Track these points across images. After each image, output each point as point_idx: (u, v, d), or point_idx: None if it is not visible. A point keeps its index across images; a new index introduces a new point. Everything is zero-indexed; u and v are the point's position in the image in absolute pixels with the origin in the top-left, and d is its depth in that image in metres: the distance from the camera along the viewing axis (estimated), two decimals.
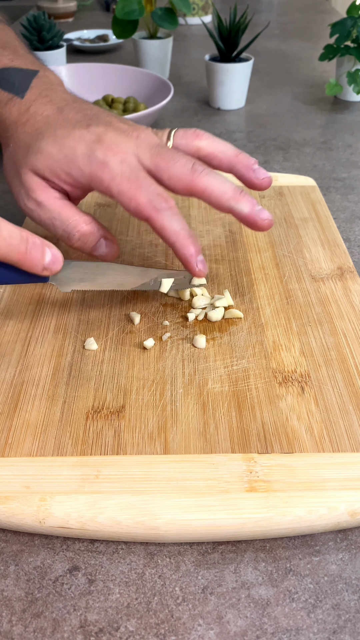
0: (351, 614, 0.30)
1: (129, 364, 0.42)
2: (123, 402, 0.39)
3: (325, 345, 0.43)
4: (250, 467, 0.35)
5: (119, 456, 0.36)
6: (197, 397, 0.39)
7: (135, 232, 0.57)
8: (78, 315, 0.47)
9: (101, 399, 0.39)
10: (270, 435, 0.37)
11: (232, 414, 0.38)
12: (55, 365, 0.42)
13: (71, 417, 0.38)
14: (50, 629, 0.30)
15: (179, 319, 0.46)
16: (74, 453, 0.36)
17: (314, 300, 0.48)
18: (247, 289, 0.49)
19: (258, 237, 0.56)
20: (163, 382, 0.41)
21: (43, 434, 0.37)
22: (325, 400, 0.39)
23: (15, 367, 0.42)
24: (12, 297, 0.49)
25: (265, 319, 0.46)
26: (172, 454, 0.36)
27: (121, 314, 0.47)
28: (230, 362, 0.42)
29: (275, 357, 0.42)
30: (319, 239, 0.55)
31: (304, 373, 0.41)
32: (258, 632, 0.30)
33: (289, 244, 0.55)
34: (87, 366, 0.42)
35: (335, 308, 0.47)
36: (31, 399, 0.39)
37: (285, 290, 0.49)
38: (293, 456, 0.36)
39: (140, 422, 0.38)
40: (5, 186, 0.71)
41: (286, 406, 0.39)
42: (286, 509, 0.33)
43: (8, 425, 0.38)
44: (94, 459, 0.36)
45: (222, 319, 0.46)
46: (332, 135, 0.85)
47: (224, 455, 0.36)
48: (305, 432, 0.37)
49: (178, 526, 0.32)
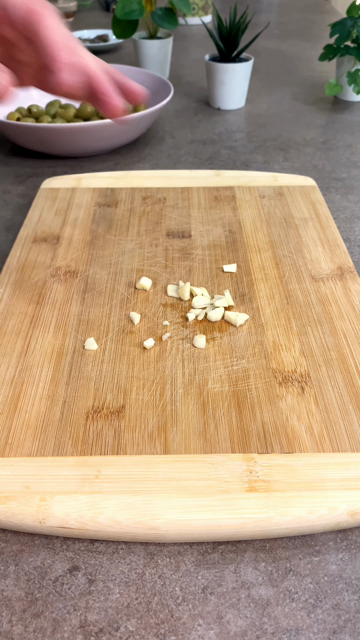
0: (351, 614, 0.30)
1: (129, 364, 0.42)
2: (123, 402, 0.39)
3: (325, 345, 0.43)
4: (250, 467, 0.35)
5: (119, 456, 0.36)
6: (197, 397, 0.39)
7: (135, 233, 0.57)
8: (78, 315, 0.47)
9: (101, 399, 0.39)
10: (270, 435, 0.37)
11: (232, 414, 0.38)
12: (55, 365, 0.42)
13: (71, 417, 0.38)
14: (50, 629, 0.30)
15: (179, 319, 0.46)
16: (74, 453, 0.36)
17: (314, 300, 0.48)
18: (247, 289, 0.49)
19: (258, 238, 0.56)
20: (163, 382, 0.41)
21: (43, 434, 0.37)
22: (325, 400, 0.39)
23: (15, 367, 0.42)
24: (12, 297, 0.49)
25: (265, 319, 0.46)
26: (172, 454, 0.36)
27: (121, 314, 0.47)
28: (230, 362, 0.42)
29: (275, 357, 0.42)
30: (319, 239, 0.55)
31: (304, 373, 0.41)
32: (258, 632, 0.30)
33: (289, 244, 0.55)
34: (87, 366, 0.42)
35: (335, 308, 0.47)
36: (31, 399, 0.39)
37: (285, 290, 0.49)
38: (293, 456, 0.35)
39: (140, 422, 0.38)
40: (5, 186, 0.71)
41: (286, 406, 0.39)
42: (286, 509, 0.33)
43: (8, 425, 0.38)
44: (94, 459, 0.35)
45: (222, 319, 0.46)
46: (332, 135, 0.85)
47: (224, 455, 0.36)
48: (305, 432, 0.37)
49: (178, 526, 0.32)
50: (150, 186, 0.65)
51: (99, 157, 0.78)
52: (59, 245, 0.55)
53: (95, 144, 0.75)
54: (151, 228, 0.58)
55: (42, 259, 0.53)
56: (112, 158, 0.78)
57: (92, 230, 0.58)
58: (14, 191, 0.70)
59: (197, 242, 0.56)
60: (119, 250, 0.55)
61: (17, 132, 0.74)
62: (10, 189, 0.70)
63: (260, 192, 0.63)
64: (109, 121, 0.71)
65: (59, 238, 0.56)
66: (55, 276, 0.51)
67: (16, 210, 0.65)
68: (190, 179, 0.66)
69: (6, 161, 0.77)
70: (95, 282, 0.50)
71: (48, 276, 0.51)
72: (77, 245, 0.55)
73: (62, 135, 0.72)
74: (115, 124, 0.72)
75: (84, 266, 0.52)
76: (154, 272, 0.51)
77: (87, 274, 0.51)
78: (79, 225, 0.58)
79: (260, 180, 0.66)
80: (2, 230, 0.62)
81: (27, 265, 0.52)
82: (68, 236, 0.57)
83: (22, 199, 0.68)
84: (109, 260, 0.53)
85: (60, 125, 0.70)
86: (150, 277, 0.51)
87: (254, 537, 0.33)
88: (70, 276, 0.51)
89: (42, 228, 0.58)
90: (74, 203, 0.62)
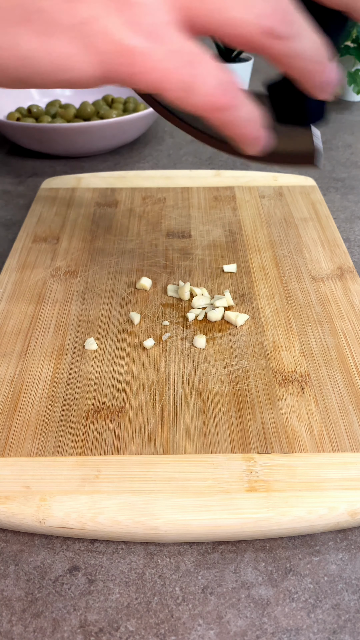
0: (351, 614, 0.30)
1: (129, 364, 0.42)
2: (123, 402, 0.39)
3: (325, 345, 0.43)
4: (250, 467, 0.35)
5: (119, 456, 0.36)
6: (197, 397, 0.39)
7: (135, 233, 0.57)
8: (78, 315, 0.47)
9: (101, 399, 0.39)
10: (270, 435, 0.37)
11: (232, 414, 0.38)
12: (55, 365, 0.42)
13: (71, 417, 0.38)
14: (50, 629, 0.30)
15: (179, 319, 0.46)
16: (74, 453, 0.36)
17: (314, 300, 0.48)
18: (247, 289, 0.49)
19: (258, 237, 0.56)
20: (163, 382, 0.41)
21: (43, 434, 0.37)
22: (325, 400, 0.39)
23: (15, 367, 0.42)
24: (11, 296, 0.49)
25: (265, 319, 0.46)
26: (172, 454, 0.36)
27: (121, 314, 0.47)
28: (230, 362, 0.42)
29: (275, 357, 0.42)
30: (319, 239, 0.55)
31: (304, 373, 0.41)
32: (258, 632, 0.30)
33: (289, 244, 0.55)
34: (87, 366, 0.42)
35: (335, 308, 0.47)
36: (31, 398, 0.39)
37: (285, 290, 0.49)
38: (293, 456, 0.35)
39: (140, 422, 0.38)
40: (5, 186, 0.71)
41: (286, 406, 0.39)
42: (286, 509, 0.33)
43: (8, 425, 0.38)
44: (94, 459, 0.36)
45: (222, 319, 0.46)
46: (332, 135, 0.85)
47: (224, 455, 0.36)
48: (305, 432, 0.37)
49: (178, 526, 0.32)
50: (150, 186, 0.65)
51: (99, 157, 0.78)
52: (59, 245, 0.55)
53: (95, 144, 0.75)
54: (151, 228, 0.58)
55: (42, 259, 0.53)
56: (112, 158, 0.78)
57: (92, 230, 0.58)
58: (13, 191, 0.70)
59: (197, 242, 0.56)
60: (119, 250, 0.55)
61: (17, 131, 0.74)
62: (10, 189, 0.70)
63: (260, 192, 0.63)
64: (109, 121, 0.71)
65: (59, 238, 0.56)
66: (55, 276, 0.51)
67: (16, 210, 0.65)
68: (190, 179, 0.66)
69: (6, 161, 0.77)
70: (95, 282, 0.50)
71: (48, 276, 0.51)
72: (77, 245, 0.55)
73: (62, 135, 0.72)
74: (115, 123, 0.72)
75: (84, 266, 0.52)
76: (154, 272, 0.51)
77: (87, 273, 0.51)
78: (78, 225, 0.58)
79: (260, 180, 0.66)
80: (1, 230, 0.62)
81: (27, 265, 0.52)
82: (68, 236, 0.57)
83: (21, 199, 0.68)
84: (109, 260, 0.53)
85: (60, 125, 0.70)
86: (150, 277, 0.51)
87: (254, 537, 0.33)
88: (70, 276, 0.51)
89: (42, 228, 0.58)
90: (74, 203, 0.62)
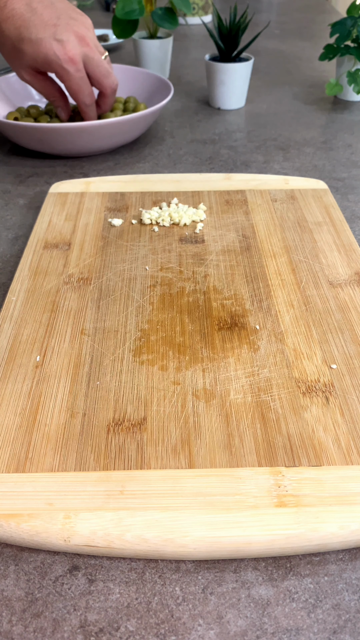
0: (351, 614, 0.30)
1: (148, 374, 0.41)
2: (144, 414, 0.38)
3: (347, 354, 0.43)
4: (278, 481, 0.34)
5: (143, 471, 0.35)
6: (220, 408, 0.39)
7: (147, 238, 0.56)
8: (94, 323, 0.46)
9: (122, 410, 0.39)
10: (297, 448, 0.36)
11: (256, 425, 0.37)
12: (73, 377, 0.41)
13: (92, 430, 0.37)
14: (50, 629, 0.30)
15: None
16: (97, 468, 0.35)
17: (333, 307, 0.47)
18: (264, 296, 0.48)
19: (272, 242, 0.55)
20: (184, 392, 0.40)
21: (64, 448, 0.36)
22: (351, 411, 0.38)
23: (32, 379, 0.41)
24: (25, 305, 0.47)
25: (285, 326, 0.45)
26: (197, 467, 0.35)
27: (137, 321, 0.46)
28: (251, 372, 0.41)
29: (297, 366, 0.42)
30: (334, 243, 0.55)
31: (327, 382, 0.40)
32: (258, 632, 0.29)
33: (304, 249, 0.54)
34: (105, 376, 0.41)
35: (356, 315, 0.46)
36: (50, 411, 0.38)
37: (303, 297, 0.48)
38: (321, 469, 0.35)
39: (162, 434, 0.37)
40: (5, 186, 0.70)
41: (311, 417, 0.38)
42: (317, 524, 0.32)
43: (28, 439, 0.37)
44: (117, 474, 0.35)
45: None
46: (332, 135, 0.84)
47: (250, 469, 0.35)
48: (332, 444, 0.36)
49: (207, 543, 0.31)
50: (160, 190, 0.64)
51: (99, 157, 0.78)
52: (70, 251, 0.54)
53: (95, 144, 0.74)
54: (163, 233, 0.57)
55: (54, 265, 0.52)
56: (112, 158, 0.77)
57: (103, 235, 0.57)
58: (14, 191, 0.69)
59: (211, 247, 0.55)
60: (131, 256, 0.54)
61: (17, 132, 0.73)
62: (10, 189, 0.69)
63: (272, 196, 0.63)
64: (109, 121, 0.70)
65: (70, 244, 0.55)
66: (68, 283, 0.50)
67: (16, 210, 0.64)
68: (200, 183, 0.65)
69: (6, 161, 0.76)
70: (110, 289, 0.49)
71: (61, 283, 0.50)
72: (89, 251, 0.54)
73: (61, 135, 0.71)
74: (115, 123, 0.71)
75: (97, 273, 0.51)
76: (168, 279, 0.51)
77: (100, 280, 0.50)
78: (89, 231, 0.57)
79: (271, 183, 0.65)
80: (2, 230, 0.61)
81: (39, 272, 0.51)
82: (79, 242, 0.55)
83: (22, 199, 0.67)
84: (122, 267, 0.52)
85: (60, 125, 0.69)
86: (165, 284, 0.50)
87: (283, 554, 0.33)
88: (84, 283, 0.50)
89: (52, 234, 0.57)
90: (84, 208, 0.61)
